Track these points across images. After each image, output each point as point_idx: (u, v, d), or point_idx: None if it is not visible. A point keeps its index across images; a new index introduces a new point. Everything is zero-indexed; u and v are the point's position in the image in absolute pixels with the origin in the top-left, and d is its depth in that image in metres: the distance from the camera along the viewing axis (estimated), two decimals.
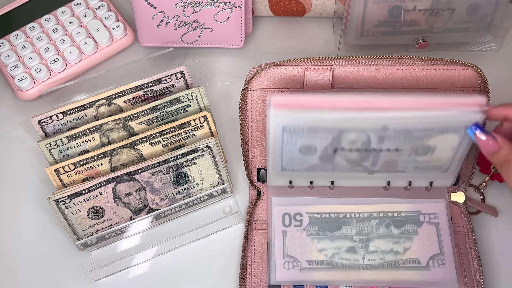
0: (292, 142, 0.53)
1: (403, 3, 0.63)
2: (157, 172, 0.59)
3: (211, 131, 0.62)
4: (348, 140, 0.53)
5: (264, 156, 0.62)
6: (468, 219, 0.60)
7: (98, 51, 0.71)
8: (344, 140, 0.53)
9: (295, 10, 0.73)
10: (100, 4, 0.72)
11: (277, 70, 0.58)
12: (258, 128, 0.61)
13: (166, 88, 0.64)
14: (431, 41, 0.68)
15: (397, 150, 0.54)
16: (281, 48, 0.73)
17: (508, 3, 0.63)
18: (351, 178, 0.60)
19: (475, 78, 0.58)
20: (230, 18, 0.68)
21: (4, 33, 0.71)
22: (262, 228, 0.61)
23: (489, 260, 0.60)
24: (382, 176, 0.58)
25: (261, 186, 0.63)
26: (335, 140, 0.53)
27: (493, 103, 0.67)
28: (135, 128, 0.62)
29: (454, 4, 0.63)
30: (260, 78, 0.59)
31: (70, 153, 0.62)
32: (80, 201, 0.58)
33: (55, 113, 0.62)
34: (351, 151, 0.54)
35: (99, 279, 0.60)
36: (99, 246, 0.62)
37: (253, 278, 0.59)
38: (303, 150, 0.54)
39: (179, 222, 0.63)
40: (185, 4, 0.66)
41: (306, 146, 0.53)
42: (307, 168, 0.57)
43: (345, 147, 0.54)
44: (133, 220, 0.61)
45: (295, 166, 0.57)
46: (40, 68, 0.68)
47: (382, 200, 0.60)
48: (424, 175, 0.58)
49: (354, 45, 0.69)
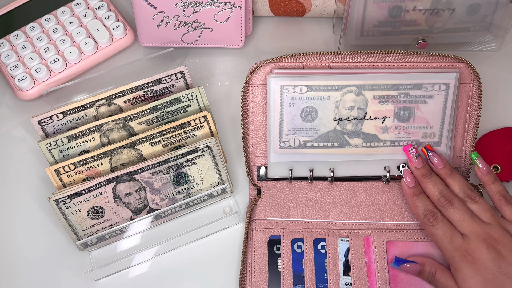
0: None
1: (403, 3, 0.63)
2: (157, 172, 0.59)
3: (211, 131, 0.62)
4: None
5: (265, 154, 0.62)
6: None
7: (98, 51, 0.71)
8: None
9: (295, 10, 0.73)
10: (100, 4, 0.72)
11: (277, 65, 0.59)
12: (258, 126, 0.61)
13: (166, 88, 0.64)
14: (431, 41, 0.68)
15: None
16: (281, 48, 0.73)
17: (508, 3, 0.63)
18: (350, 164, 0.61)
19: (468, 73, 0.59)
20: (230, 18, 0.68)
21: (4, 33, 0.71)
22: (262, 227, 0.61)
23: None
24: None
25: (261, 185, 0.63)
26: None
27: (493, 103, 0.67)
28: (135, 128, 0.62)
29: (454, 4, 0.63)
30: (260, 74, 0.60)
31: (70, 153, 0.62)
32: (80, 201, 0.58)
33: (55, 113, 0.62)
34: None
35: (99, 279, 0.60)
36: (99, 246, 0.61)
37: (253, 277, 0.59)
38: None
39: (179, 222, 0.63)
40: (185, 4, 0.67)
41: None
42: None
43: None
44: (133, 220, 0.61)
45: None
46: (40, 68, 0.68)
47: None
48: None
49: (354, 45, 0.69)
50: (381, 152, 0.60)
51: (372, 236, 0.60)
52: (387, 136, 0.60)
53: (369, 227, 0.61)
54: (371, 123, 0.59)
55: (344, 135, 0.60)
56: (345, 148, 0.60)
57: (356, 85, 0.58)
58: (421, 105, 0.59)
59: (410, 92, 0.59)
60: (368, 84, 0.58)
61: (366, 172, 0.62)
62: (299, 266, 0.59)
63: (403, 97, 0.59)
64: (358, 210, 0.61)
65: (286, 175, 0.62)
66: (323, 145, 0.60)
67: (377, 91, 0.59)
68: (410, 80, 0.58)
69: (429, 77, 0.58)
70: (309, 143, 0.60)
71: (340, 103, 0.59)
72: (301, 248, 0.60)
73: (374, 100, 0.59)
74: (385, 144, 0.60)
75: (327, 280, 0.58)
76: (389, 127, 0.60)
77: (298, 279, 0.58)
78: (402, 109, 0.59)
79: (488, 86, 0.68)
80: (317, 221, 0.61)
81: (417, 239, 0.59)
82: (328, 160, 0.61)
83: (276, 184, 0.63)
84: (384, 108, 0.59)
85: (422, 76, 0.58)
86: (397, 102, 0.59)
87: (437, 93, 0.59)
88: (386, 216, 0.61)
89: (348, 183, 0.62)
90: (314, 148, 0.60)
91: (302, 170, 0.61)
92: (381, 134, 0.60)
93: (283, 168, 0.61)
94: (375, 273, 0.58)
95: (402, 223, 0.61)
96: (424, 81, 0.58)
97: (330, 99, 0.58)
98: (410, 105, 0.59)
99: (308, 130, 0.59)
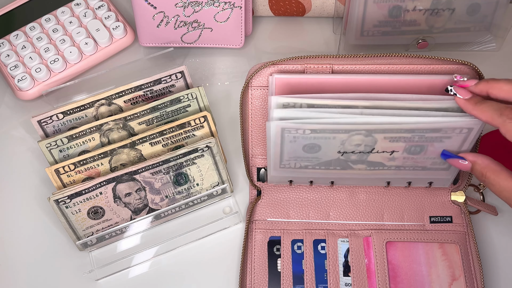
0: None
1: (403, 3, 0.63)
2: (157, 172, 0.59)
3: (211, 131, 0.62)
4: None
5: (264, 155, 0.62)
6: (468, 219, 0.60)
7: (98, 51, 0.71)
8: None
9: (295, 10, 0.73)
10: (100, 4, 0.72)
11: (277, 68, 0.58)
12: (258, 127, 0.61)
13: (166, 88, 0.64)
14: (431, 41, 0.68)
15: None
16: (281, 48, 0.73)
17: (508, 3, 0.63)
18: (351, 179, 0.60)
19: (473, 76, 0.58)
20: (230, 18, 0.68)
21: (4, 33, 0.71)
22: (262, 227, 0.61)
23: (489, 260, 0.60)
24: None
25: (261, 186, 0.63)
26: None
27: None
28: (135, 128, 0.62)
29: (454, 4, 0.63)
30: (260, 77, 0.59)
31: (70, 153, 0.62)
32: (80, 201, 0.58)
33: (55, 113, 0.62)
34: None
35: (99, 279, 0.60)
36: (99, 246, 0.62)
37: (253, 278, 0.59)
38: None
39: (179, 222, 0.63)
40: (185, 4, 0.67)
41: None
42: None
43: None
44: (133, 220, 0.61)
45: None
46: (40, 68, 0.68)
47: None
48: (424, 174, 0.58)
49: (354, 45, 0.69)
50: (384, 174, 0.59)
51: (372, 237, 0.60)
52: (393, 163, 0.57)
53: (369, 227, 0.61)
54: (378, 155, 0.56)
55: (348, 162, 0.57)
56: (347, 170, 0.58)
57: (365, 130, 0.53)
58: (435, 143, 0.54)
59: (426, 135, 0.53)
60: (379, 129, 0.52)
61: (366, 184, 0.62)
62: (299, 266, 0.59)
63: (417, 138, 0.53)
64: (358, 211, 0.61)
65: (286, 183, 0.62)
66: (325, 167, 0.58)
67: (388, 133, 0.53)
68: (428, 124, 0.52)
69: (450, 121, 0.52)
70: (310, 166, 0.58)
71: (347, 142, 0.54)
72: (301, 249, 0.60)
73: (384, 140, 0.54)
74: (390, 169, 0.58)
75: (327, 281, 0.58)
76: (396, 157, 0.56)
77: (298, 280, 0.59)
78: (414, 146, 0.55)
79: None
80: (317, 222, 0.61)
81: (417, 239, 0.59)
82: (329, 177, 0.60)
83: (276, 185, 0.63)
84: (394, 145, 0.55)
85: (442, 119, 0.52)
86: (410, 141, 0.54)
87: (456, 135, 0.53)
88: (386, 216, 0.61)
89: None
90: (315, 170, 0.58)
91: (302, 181, 0.61)
92: (387, 162, 0.57)
93: (283, 180, 0.61)
94: (375, 274, 0.58)
95: (402, 223, 0.61)
96: (444, 125, 0.52)
97: (335, 139, 0.54)
98: (424, 143, 0.54)
99: (310, 158, 0.57)
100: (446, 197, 0.62)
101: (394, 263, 0.59)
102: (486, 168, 0.51)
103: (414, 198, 0.62)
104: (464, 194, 0.61)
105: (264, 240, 0.60)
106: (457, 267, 0.58)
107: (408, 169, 0.58)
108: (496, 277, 0.59)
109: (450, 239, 0.60)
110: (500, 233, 0.61)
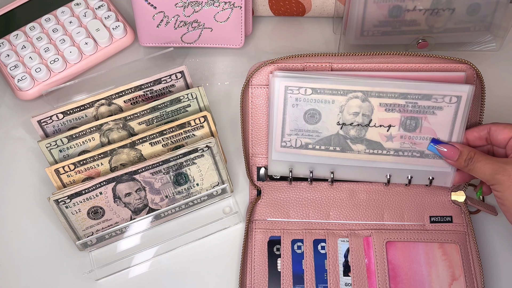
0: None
1: (403, 3, 0.63)
2: (157, 172, 0.59)
3: (211, 131, 0.62)
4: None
5: (265, 154, 0.62)
6: (468, 219, 0.60)
7: (98, 51, 0.71)
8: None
9: (295, 10, 0.73)
10: (100, 4, 0.72)
11: (277, 66, 0.59)
12: (258, 126, 0.61)
13: (166, 88, 0.64)
14: (431, 41, 0.68)
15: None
16: (281, 48, 0.73)
17: (508, 3, 0.63)
18: (351, 168, 0.60)
19: (471, 74, 0.58)
20: (230, 18, 0.68)
21: (4, 33, 0.71)
22: (262, 227, 0.61)
23: (489, 260, 0.60)
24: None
25: (261, 185, 0.63)
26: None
27: (493, 103, 0.67)
28: (135, 128, 0.62)
29: (454, 4, 0.63)
30: (260, 75, 0.59)
31: (70, 153, 0.62)
32: (80, 201, 0.58)
33: (55, 113, 0.62)
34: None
35: (99, 279, 0.60)
36: (99, 246, 0.62)
37: (253, 278, 0.59)
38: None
39: (179, 222, 0.63)
40: (185, 4, 0.67)
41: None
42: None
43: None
44: (133, 220, 0.61)
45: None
46: (40, 68, 0.68)
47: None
48: (423, 162, 0.59)
49: (354, 45, 0.69)
50: (384, 160, 0.59)
51: (372, 237, 0.60)
52: (392, 144, 0.59)
53: (369, 227, 0.61)
54: (376, 130, 0.58)
55: (346, 140, 0.59)
56: (347, 153, 0.59)
57: (362, 91, 0.56)
58: (429, 116, 0.57)
59: (418, 102, 0.56)
60: (375, 91, 0.56)
61: (366, 178, 0.61)
62: (299, 266, 0.59)
63: (411, 106, 0.57)
64: (358, 211, 0.61)
65: (286, 173, 0.62)
66: (325, 148, 0.59)
67: (384, 98, 0.57)
68: (420, 90, 0.56)
69: (440, 88, 0.56)
70: (311, 144, 0.59)
71: (345, 108, 0.57)
72: (301, 249, 0.60)
73: (380, 108, 0.57)
74: (389, 153, 0.59)
75: (327, 281, 0.58)
76: (394, 135, 0.58)
77: (298, 280, 0.59)
78: (409, 119, 0.57)
79: (488, 86, 0.68)
80: (317, 222, 0.61)
81: (417, 239, 0.59)
82: (329, 163, 0.61)
83: (276, 185, 0.63)
84: (390, 116, 0.57)
85: (432, 86, 0.56)
86: (404, 111, 0.57)
87: (447, 105, 0.56)
88: (386, 216, 0.61)
89: (348, 183, 0.62)
90: (316, 150, 0.59)
91: (303, 170, 0.61)
92: (385, 142, 0.59)
93: (284, 166, 0.61)
94: (375, 274, 0.58)
95: (402, 223, 0.61)
96: (434, 92, 0.56)
97: (334, 103, 0.57)
98: (418, 115, 0.57)
99: (310, 132, 0.59)
100: (446, 197, 0.62)
101: (394, 263, 0.59)
102: (473, 150, 0.56)
103: (414, 198, 0.62)
104: (464, 194, 0.61)
105: (264, 240, 0.60)
106: (457, 267, 0.58)
107: (406, 154, 0.58)
108: (496, 277, 0.59)
109: (450, 239, 0.60)
110: (500, 233, 0.61)
